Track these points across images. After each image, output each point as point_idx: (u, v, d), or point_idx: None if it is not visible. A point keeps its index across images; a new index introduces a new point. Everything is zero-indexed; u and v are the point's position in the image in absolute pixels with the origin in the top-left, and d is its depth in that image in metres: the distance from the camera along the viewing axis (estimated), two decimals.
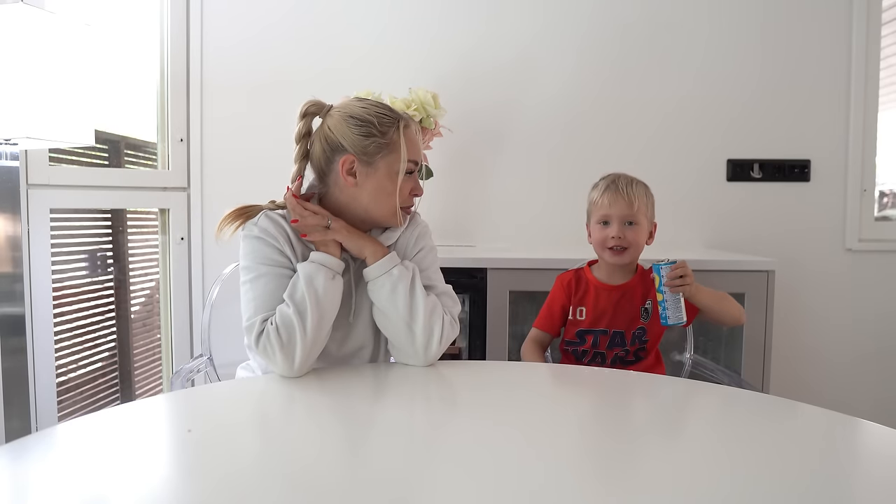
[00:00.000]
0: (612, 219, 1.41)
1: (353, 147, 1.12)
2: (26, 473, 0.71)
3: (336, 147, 1.13)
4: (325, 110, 1.18)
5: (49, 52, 1.34)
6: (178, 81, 2.17)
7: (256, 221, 1.12)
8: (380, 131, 1.12)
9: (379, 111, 1.14)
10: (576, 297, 1.48)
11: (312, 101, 1.18)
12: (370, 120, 1.12)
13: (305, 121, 1.17)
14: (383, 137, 1.12)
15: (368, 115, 1.13)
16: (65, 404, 1.85)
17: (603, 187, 1.43)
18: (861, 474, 0.76)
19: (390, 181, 1.13)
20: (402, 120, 1.15)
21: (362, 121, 1.12)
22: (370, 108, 1.14)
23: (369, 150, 1.12)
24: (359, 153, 1.12)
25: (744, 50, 2.25)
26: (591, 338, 1.45)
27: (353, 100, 1.18)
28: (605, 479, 0.72)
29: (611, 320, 1.44)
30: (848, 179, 2.27)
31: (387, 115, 1.14)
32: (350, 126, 1.12)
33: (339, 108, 1.16)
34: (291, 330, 1.03)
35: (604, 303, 1.45)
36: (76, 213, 1.92)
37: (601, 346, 1.45)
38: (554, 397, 1.00)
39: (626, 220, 1.40)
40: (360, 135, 1.12)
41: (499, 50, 2.25)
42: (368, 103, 1.16)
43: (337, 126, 1.13)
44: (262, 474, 0.70)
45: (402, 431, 0.87)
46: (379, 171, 1.13)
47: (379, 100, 1.31)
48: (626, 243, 1.40)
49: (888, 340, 2.30)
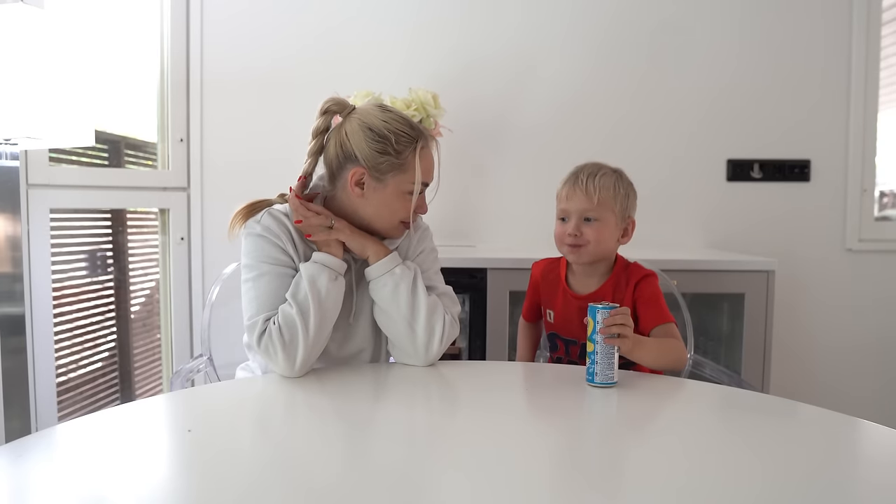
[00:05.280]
0: (570, 214, 1.27)
1: (365, 160, 1.10)
2: (26, 473, 0.71)
3: (349, 156, 1.11)
4: (347, 111, 1.15)
5: (49, 52, 1.34)
6: (178, 81, 2.17)
7: (259, 219, 1.11)
8: (395, 150, 1.09)
9: (398, 128, 1.10)
10: (545, 296, 1.39)
11: (336, 99, 1.16)
12: (388, 136, 1.09)
13: (325, 118, 1.15)
14: (398, 157, 1.10)
15: (388, 130, 1.10)
16: (65, 404, 1.85)
17: (565, 179, 1.31)
18: (861, 474, 0.76)
19: (397, 200, 1.12)
20: (420, 140, 1.12)
21: (380, 136, 1.09)
22: (391, 122, 1.11)
23: (381, 168, 1.10)
24: (370, 167, 1.10)
25: (744, 50, 2.24)
26: (562, 345, 1.35)
27: (376, 107, 1.13)
28: (605, 479, 0.72)
29: (578, 331, 1.28)
30: (848, 179, 2.27)
31: (406, 133, 1.11)
32: (367, 138, 1.10)
33: (359, 114, 1.13)
34: (294, 330, 1.03)
35: (570, 311, 1.31)
36: (76, 213, 1.92)
37: (573, 355, 1.33)
38: (554, 397, 1.00)
39: (585, 215, 1.25)
40: (376, 150, 1.09)
41: (499, 49, 2.25)
42: (390, 116, 1.12)
43: (354, 135, 1.11)
44: (261, 474, 0.70)
45: (403, 431, 0.87)
46: (387, 189, 1.12)
47: (380, 100, 1.30)
48: (581, 241, 1.25)
49: (888, 340, 2.30)
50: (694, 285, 1.85)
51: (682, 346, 1.21)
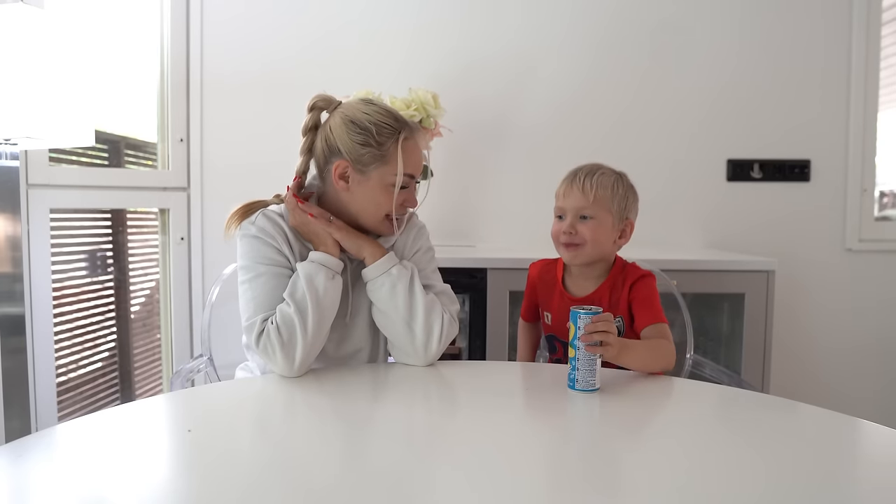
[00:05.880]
0: (566, 212, 1.27)
1: (348, 153, 1.10)
2: (26, 473, 0.71)
3: (333, 149, 1.12)
4: (333, 106, 1.16)
5: (49, 52, 1.34)
6: (178, 82, 2.17)
7: (254, 220, 1.11)
8: (377, 141, 1.10)
9: (381, 119, 1.11)
10: (542, 297, 1.39)
11: (322, 95, 1.17)
12: (369, 128, 1.10)
13: (313, 114, 1.16)
14: (379, 149, 1.10)
15: (369, 122, 1.10)
16: (65, 404, 1.85)
17: (563, 178, 1.31)
18: (861, 474, 0.76)
19: (381, 192, 1.12)
20: (403, 131, 1.12)
21: (361, 127, 1.10)
22: (373, 114, 1.11)
23: (364, 159, 1.10)
24: (353, 160, 1.11)
25: (744, 50, 2.24)
26: (560, 346, 1.33)
27: (359, 101, 1.15)
28: (605, 479, 0.72)
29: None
30: (848, 179, 2.27)
31: (388, 124, 1.11)
32: (348, 131, 1.11)
33: (343, 109, 1.14)
34: (292, 329, 1.03)
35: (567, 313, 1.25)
36: (76, 213, 1.92)
37: None
38: (554, 397, 1.00)
39: (581, 213, 1.25)
40: (357, 142, 1.10)
41: (499, 50, 2.25)
42: (373, 109, 1.12)
43: (337, 128, 1.12)
44: (261, 474, 0.70)
45: (402, 431, 0.87)
46: (371, 181, 1.12)
47: (378, 100, 1.30)
48: (578, 239, 1.24)
49: (888, 340, 2.30)
50: (694, 285, 1.85)
51: (670, 346, 1.18)
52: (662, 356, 1.16)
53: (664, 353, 1.17)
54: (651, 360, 1.14)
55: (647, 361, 1.13)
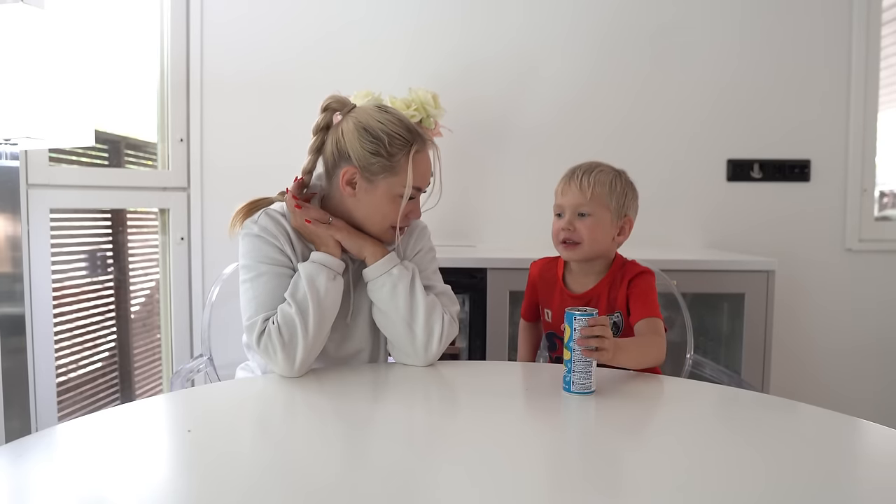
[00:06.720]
0: (564, 209, 1.28)
1: (358, 160, 1.10)
2: (26, 473, 0.71)
3: (343, 154, 1.11)
4: (347, 109, 1.15)
5: (49, 52, 1.34)
6: (178, 82, 2.17)
7: (256, 219, 1.11)
8: (388, 152, 1.09)
9: (394, 129, 1.10)
10: (542, 295, 1.39)
11: (336, 96, 1.16)
12: (381, 137, 1.09)
13: (325, 115, 1.15)
14: (390, 160, 1.09)
15: (383, 131, 1.09)
16: (65, 404, 1.85)
17: (562, 176, 1.32)
18: (861, 474, 0.76)
19: (388, 203, 1.12)
20: (415, 144, 1.11)
21: (374, 136, 1.09)
22: (387, 123, 1.10)
23: (373, 168, 1.10)
24: (362, 167, 1.10)
25: (744, 50, 2.24)
26: (560, 344, 1.33)
27: (374, 108, 1.13)
28: (605, 478, 0.72)
29: None
30: (848, 179, 2.27)
31: (400, 135, 1.10)
32: (360, 138, 1.09)
33: (357, 114, 1.13)
34: (293, 329, 1.03)
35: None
36: (76, 213, 1.92)
37: None
38: (554, 397, 1.00)
39: (578, 210, 1.26)
40: (368, 150, 1.09)
41: (500, 50, 2.25)
42: (386, 118, 1.11)
43: (349, 133, 1.11)
44: (261, 474, 0.70)
45: (402, 432, 0.87)
46: (378, 191, 1.11)
47: (380, 101, 1.30)
48: (577, 237, 1.26)
49: (888, 340, 2.30)
50: (694, 285, 1.85)
51: (661, 342, 1.19)
52: (653, 352, 1.17)
53: (655, 348, 1.18)
54: (642, 357, 1.15)
55: (640, 359, 1.14)
